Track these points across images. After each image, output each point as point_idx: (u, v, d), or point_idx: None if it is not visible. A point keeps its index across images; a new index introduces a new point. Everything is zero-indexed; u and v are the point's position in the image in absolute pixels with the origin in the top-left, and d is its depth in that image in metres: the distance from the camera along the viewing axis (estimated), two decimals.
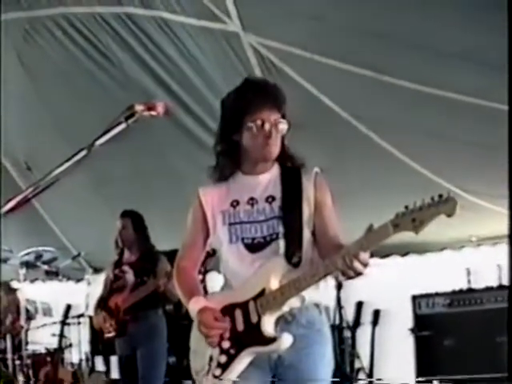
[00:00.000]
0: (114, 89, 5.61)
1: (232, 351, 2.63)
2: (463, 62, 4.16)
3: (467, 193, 5.77)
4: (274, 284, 2.57)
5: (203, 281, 6.33)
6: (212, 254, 3.01)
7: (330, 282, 6.40)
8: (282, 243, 2.64)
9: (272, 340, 2.56)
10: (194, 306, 2.69)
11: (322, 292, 2.72)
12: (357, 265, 2.35)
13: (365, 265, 2.37)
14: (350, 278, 2.42)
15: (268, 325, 2.58)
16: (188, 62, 5.21)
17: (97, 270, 8.08)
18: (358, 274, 2.38)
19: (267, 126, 2.67)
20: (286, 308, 2.60)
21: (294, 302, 2.62)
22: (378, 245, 2.35)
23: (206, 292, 2.98)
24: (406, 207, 2.31)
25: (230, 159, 2.78)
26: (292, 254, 2.62)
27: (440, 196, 2.27)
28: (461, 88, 4.41)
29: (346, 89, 4.87)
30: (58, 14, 5.19)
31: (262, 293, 2.59)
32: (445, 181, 5.33)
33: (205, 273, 6.32)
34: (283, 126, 2.71)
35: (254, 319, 2.59)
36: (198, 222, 2.82)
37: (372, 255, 2.41)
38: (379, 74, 4.45)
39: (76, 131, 5.83)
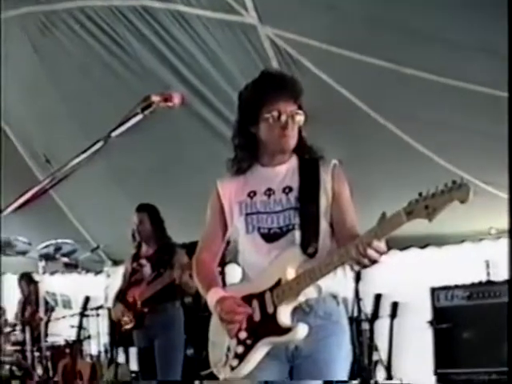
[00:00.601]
0: (132, 80, 5.63)
1: (249, 342, 2.64)
2: (480, 52, 4.13)
3: (487, 184, 5.73)
4: (291, 274, 2.58)
5: (222, 273, 6.36)
6: (227, 243, 3.00)
7: (348, 274, 6.39)
8: (297, 234, 2.65)
9: (287, 330, 2.57)
10: (212, 296, 2.72)
11: (340, 283, 2.72)
12: (371, 252, 2.35)
13: (379, 252, 2.37)
14: (365, 266, 2.41)
15: (284, 315, 2.59)
16: (205, 54, 5.21)
17: (116, 263, 8.10)
18: (373, 262, 2.38)
19: (284, 117, 2.68)
20: (301, 298, 2.61)
21: (310, 293, 2.63)
22: (392, 233, 2.34)
23: (224, 284, 3.06)
24: (420, 194, 2.30)
25: (248, 152, 2.80)
26: (308, 245, 2.62)
27: (454, 182, 2.25)
28: (480, 79, 4.38)
29: (363, 80, 4.85)
30: (74, 7, 5.22)
31: (278, 283, 2.61)
32: (464, 172, 5.26)
33: (223, 265, 6.35)
34: (300, 118, 2.73)
35: (270, 310, 2.61)
36: (217, 214, 2.85)
37: (391, 247, 2.41)
38: (396, 65, 4.43)
39: (94, 123, 5.85)
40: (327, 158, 2.78)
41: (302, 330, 2.56)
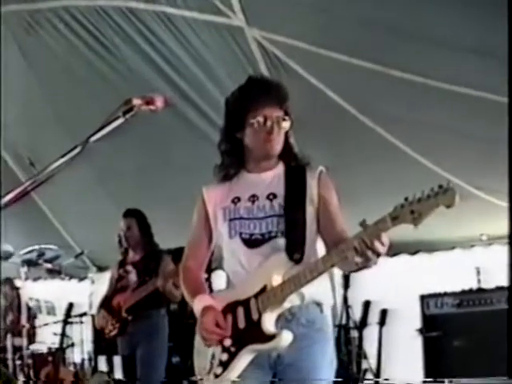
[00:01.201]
0: (118, 82, 5.57)
1: (233, 349, 2.63)
2: (471, 55, 4.11)
3: (479, 189, 5.72)
4: (276, 280, 2.57)
5: (208, 279, 6.29)
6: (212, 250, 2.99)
7: (335, 281, 6.35)
8: (281, 240, 2.64)
9: (272, 337, 2.55)
10: (198, 304, 2.72)
11: (325, 291, 2.73)
12: (377, 245, 2.31)
13: (384, 246, 2.33)
14: (367, 259, 2.35)
15: (268, 322, 2.58)
16: (192, 56, 5.18)
17: (100, 269, 8.03)
18: (377, 255, 2.34)
19: (269, 123, 2.69)
20: (287, 305, 2.60)
21: (293, 300, 2.62)
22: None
23: (211, 291, 3.09)
24: (406, 199, 2.27)
25: (235, 157, 2.81)
26: (293, 251, 2.61)
27: (440, 187, 2.22)
28: (470, 81, 4.34)
29: (352, 83, 4.84)
30: (59, 6, 5.16)
31: (263, 290, 2.60)
32: (454, 176, 5.23)
33: (210, 271, 6.28)
34: (285, 123, 2.73)
35: (255, 316, 2.59)
36: (202, 221, 2.85)
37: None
38: (386, 68, 4.41)
39: (80, 125, 5.75)
40: (314, 161, 2.77)
41: (286, 337, 2.54)
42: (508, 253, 5.81)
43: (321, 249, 2.73)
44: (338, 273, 2.59)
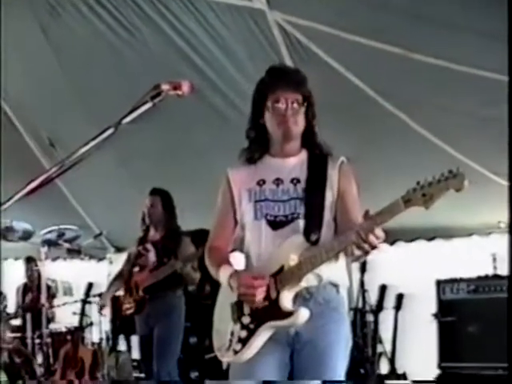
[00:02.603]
0: (140, 65, 5.56)
1: (252, 326, 2.71)
2: (493, 39, 4.08)
3: (497, 175, 5.68)
4: (293, 260, 2.65)
5: None
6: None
7: (352, 264, 6.37)
8: (301, 222, 2.73)
9: (289, 314, 2.64)
10: (224, 272, 2.78)
11: (341, 273, 2.81)
12: (372, 238, 2.43)
13: (379, 238, 2.45)
14: (365, 252, 2.50)
15: (286, 300, 2.66)
16: (214, 40, 5.16)
17: (119, 249, 8.06)
18: (373, 247, 2.46)
19: (283, 105, 2.78)
20: (303, 284, 2.68)
21: (311, 281, 2.71)
22: (390, 220, 2.41)
23: None
24: (418, 183, 2.38)
25: (260, 144, 2.90)
26: (311, 232, 2.70)
27: (450, 171, 2.32)
28: (492, 66, 4.33)
29: (374, 67, 4.81)
30: None
31: (281, 269, 2.67)
32: (474, 162, 5.24)
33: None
34: (302, 106, 2.80)
35: (273, 295, 2.67)
36: (227, 201, 2.92)
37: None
38: (407, 51, 4.38)
39: (100, 107, 5.80)
40: (335, 147, 2.86)
41: (303, 314, 2.63)
42: (508, 243, 5.81)
43: None
44: None
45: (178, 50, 5.34)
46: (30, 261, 8.02)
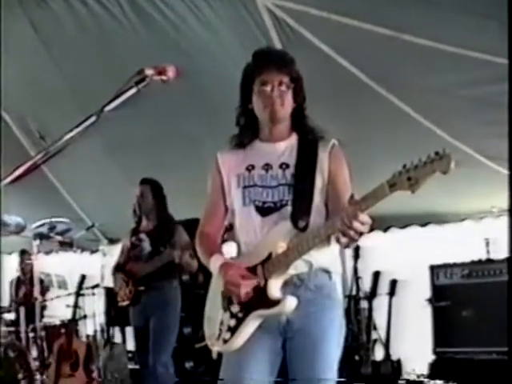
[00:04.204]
0: (129, 53, 5.52)
1: (240, 315, 2.70)
2: (484, 20, 4.07)
3: (490, 159, 5.68)
4: (281, 248, 2.63)
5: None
6: (230, 228, 3.01)
7: (344, 250, 6.37)
8: (289, 209, 2.71)
9: (276, 302, 2.62)
10: (215, 262, 2.76)
11: (333, 259, 2.77)
12: (356, 224, 2.37)
13: (365, 224, 2.39)
14: (351, 239, 2.43)
15: (274, 288, 2.64)
16: (203, 25, 5.14)
17: (112, 241, 7.99)
18: (360, 233, 2.41)
19: (269, 86, 2.74)
20: (292, 271, 2.66)
21: (301, 267, 2.69)
22: (375, 204, 2.37)
23: None
24: (404, 166, 2.30)
25: (249, 129, 2.86)
26: (298, 219, 2.67)
27: (436, 153, 2.24)
28: (485, 47, 4.31)
29: (364, 49, 4.80)
30: None
31: (269, 257, 2.65)
32: (467, 146, 5.22)
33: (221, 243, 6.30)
34: (288, 88, 2.76)
35: (262, 283, 2.65)
36: (217, 187, 2.90)
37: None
38: (398, 33, 4.37)
39: (90, 97, 5.74)
40: (326, 131, 2.82)
41: (290, 302, 2.61)
42: (508, 224, 5.81)
43: None
44: None
45: (167, 35, 5.31)
46: (23, 253, 8.00)
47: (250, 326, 2.68)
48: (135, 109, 3.54)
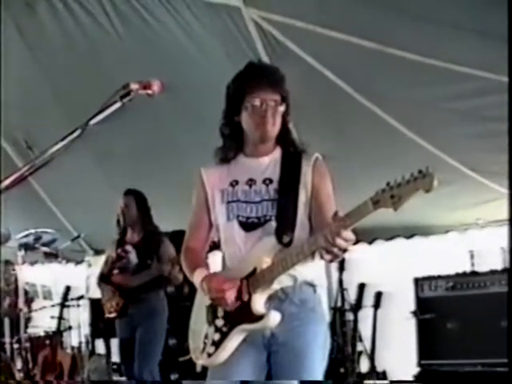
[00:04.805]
0: (116, 64, 5.52)
1: (225, 329, 2.72)
2: (467, 32, 4.10)
3: (474, 171, 5.70)
4: (266, 263, 2.64)
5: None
6: (217, 245, 3.04)
7: (329, 264, 6.36)
8: (274, 224, 2.71)
9: (260, 317, 2.63)
10: (198, 275, 2.77)
11: (317, 272, 2.78)
12: (339, 241, 2.39)
13: (348, 241, 2.40)
14: (335, 255, 2.44)
15: (258, 303, 2.66)
16: (190, 37, 5.13)
17: (97, 252, 8.01)
18: (343, 250, 2.42)
19: (263, 106, 2.74)
20: (276, 286, 2.67)
21: (286, 281, 2.70)
22: (359, 222, 2.38)
23: None
24: (388, 183, 2.32)
25: (234, 141, 2.86)
26: (282, 234, 2.67)
27: (420, 171, 2.25)
28: (468, 61, 4.35)
29: (350, 62, 4.82)
30: None
31: (253, 272, 2.67)
32: (452, 158, 5.25)
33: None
34: (280, 107, 2.78)
35: (246, 297, 2.66)
36: (202, 202, 2.91)
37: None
38: (383, 46, 4.39)
39: (77, 107, 5.73)
40: (311, 144, 2.85)
41: (274, 317, 2.62)
42: (508, 236, 5.83)
43: None
44: None
45: (155, 47, 5.32)
46: (7, 264, 7.96)
47: (235, 340, 2.70)
48: (121, 121, 3.54)
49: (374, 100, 5.14)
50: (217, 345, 2.72)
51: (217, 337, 2.72)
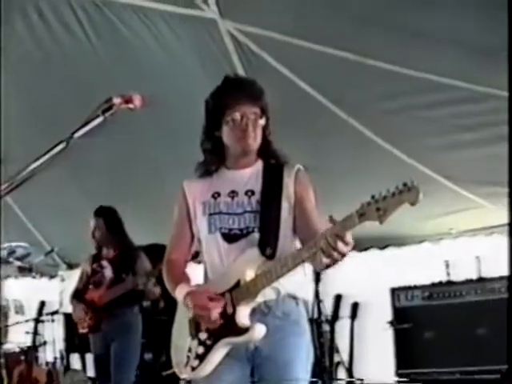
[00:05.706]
0: (93, 78, 5.47)
1: (209, 342, 2.72)
2: (445, 43, 4.13)
3: (449, 180, 5.74)
4: (249, 275, 2.64)
5: None
6: (196, 255, 3.08)
7: (308, 276, 6.37)
8: (256, 236, 2.72)
9: (245, 330, 2.63)
10: (180, 290, 2.76)
11: (300, 285, 2.77)
12: (341, 245, 2.37)
13: (348, 245, 2.40)
14: (334, 260, 2.41)
15: (242, 316, 2.65)
16: (165, 49, 5.11)
17: (71, 266, 7.95)
18: (342, 255, 2.40)
19: (243, 120, 2.77)
20: (260, 299, 2.67)
21: (269, 294, 2.70)
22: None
23: None
24: (373, 197, 2.34)
25: (215, 155, 2.89)
26: (266, 246, 2.68)
27: (404, 184, 2.28)
28: (446, 70, 4.38)
29: (326, 73, 4.82)
30: None
31: (237, 284, 2.67)
32: (426, 167, 5.28)
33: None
34: (260, 120, 2.80)
35: (230, 310, 2.66)
36: (183, 214, 2.92)
37: (352, 249, 2.44)
38: (361, 57, 4.40)
39: (52, 121, 5.69)
40: (289, 155, 2.87)
41: (259, 330, 2.63)
42: (508, 243, 5.88)
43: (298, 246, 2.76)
44: (309, 267, 2.63)
45: (130, 60, 5.28)
46: None
47: (219, 353, 2.69)
48: (101, 135, 3.52)
49: (349, 111, 5.15)
50: (201, 358, 2.71)
51: (200, 350, 2.71)
